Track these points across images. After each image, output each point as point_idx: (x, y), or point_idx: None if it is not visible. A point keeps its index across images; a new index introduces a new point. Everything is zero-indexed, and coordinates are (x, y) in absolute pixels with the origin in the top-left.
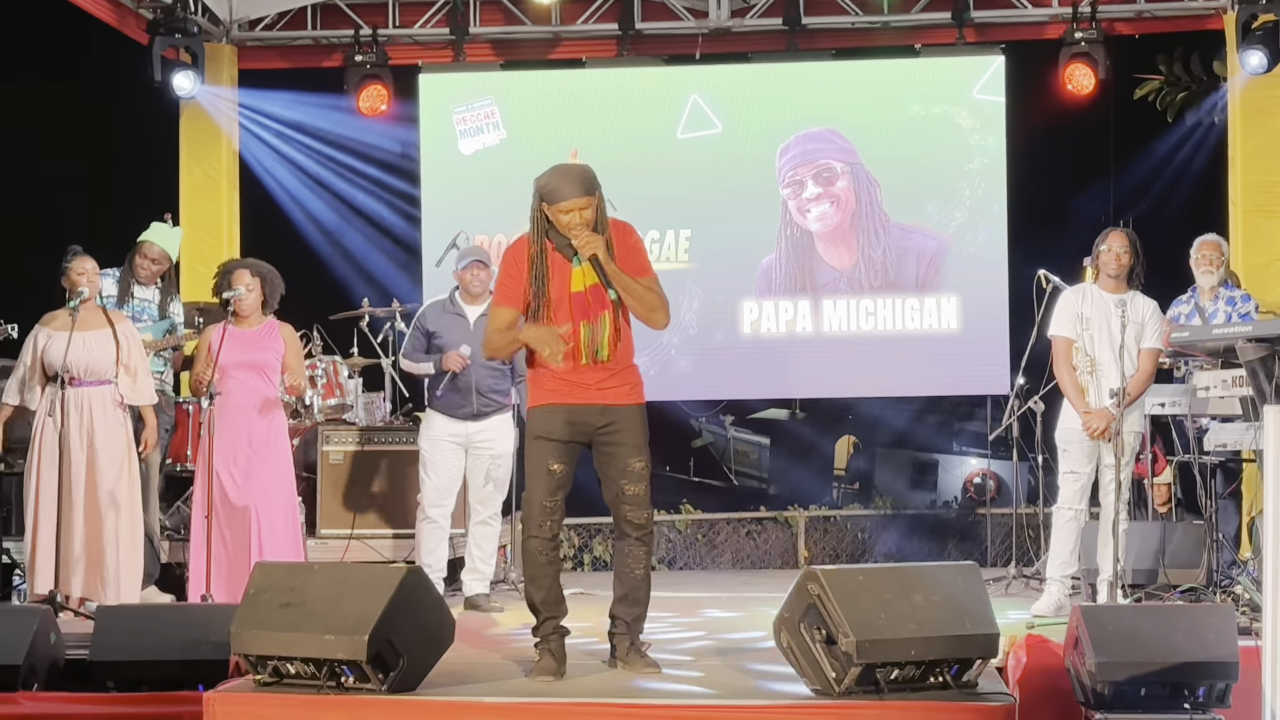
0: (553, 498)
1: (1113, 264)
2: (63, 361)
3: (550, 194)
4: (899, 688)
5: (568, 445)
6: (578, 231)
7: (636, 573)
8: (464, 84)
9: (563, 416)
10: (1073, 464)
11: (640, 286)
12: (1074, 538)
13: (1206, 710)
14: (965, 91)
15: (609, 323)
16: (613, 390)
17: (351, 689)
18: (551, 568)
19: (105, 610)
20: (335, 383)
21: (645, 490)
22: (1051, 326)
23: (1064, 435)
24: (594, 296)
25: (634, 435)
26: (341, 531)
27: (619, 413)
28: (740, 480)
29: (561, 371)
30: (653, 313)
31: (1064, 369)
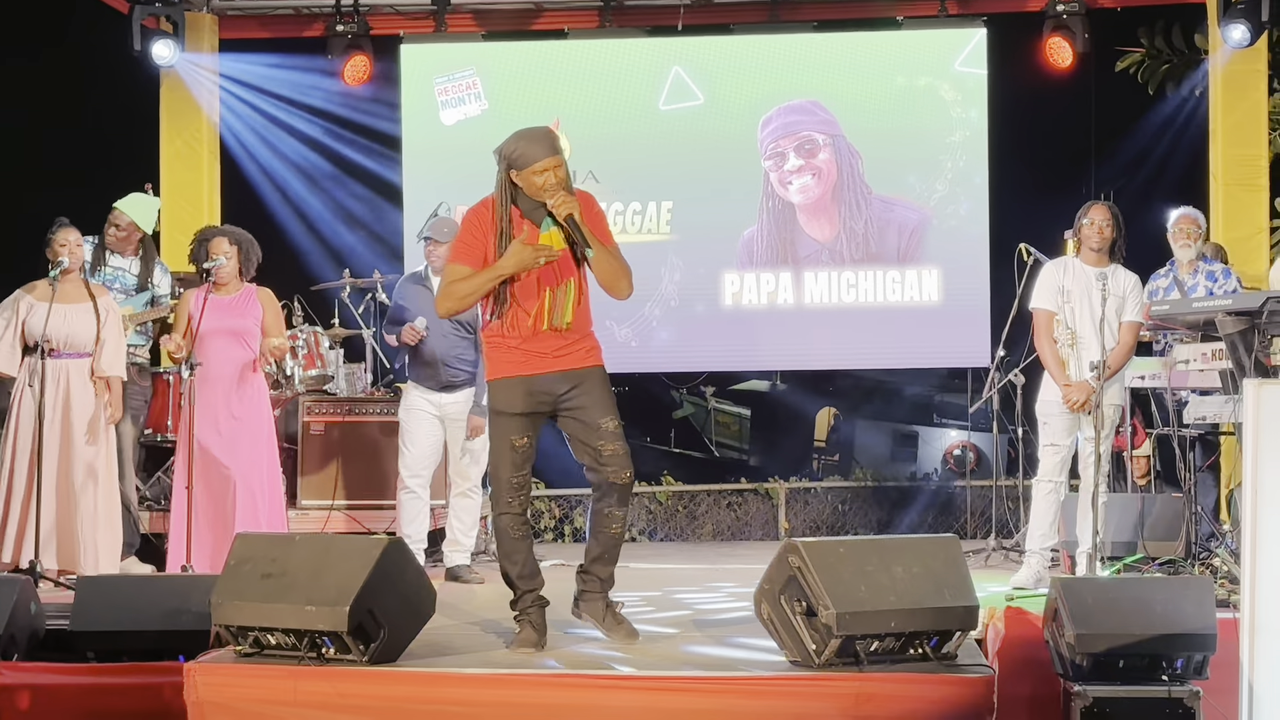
0: (519, 472)
1: (1094, 237)
2: (42, 332)
3: (519, 159)
4: (879, 659)
5: (529, 417)
6: (552, 192)
7: (615, 530)
8: (446, 54)
9: (522, 389)
10: (1053, 436)
11: (607, 250)
12: (1054, 510)
13: (1185, 682)
14: (947, 64)
15: (574, 289)
16: (571, 356)
17: (333, 660)
18: (524, 542)
19: (85, 581)
20: (316, 353)
21: (624, 448)
22: (1033, 299)
23: (1044, 408)
24: (560, 263)
25: (601, 395)
26: (322, 502)
27: (580, 375)
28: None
29: (520, 339)
30: (618, 279)
31: (1045, 342)
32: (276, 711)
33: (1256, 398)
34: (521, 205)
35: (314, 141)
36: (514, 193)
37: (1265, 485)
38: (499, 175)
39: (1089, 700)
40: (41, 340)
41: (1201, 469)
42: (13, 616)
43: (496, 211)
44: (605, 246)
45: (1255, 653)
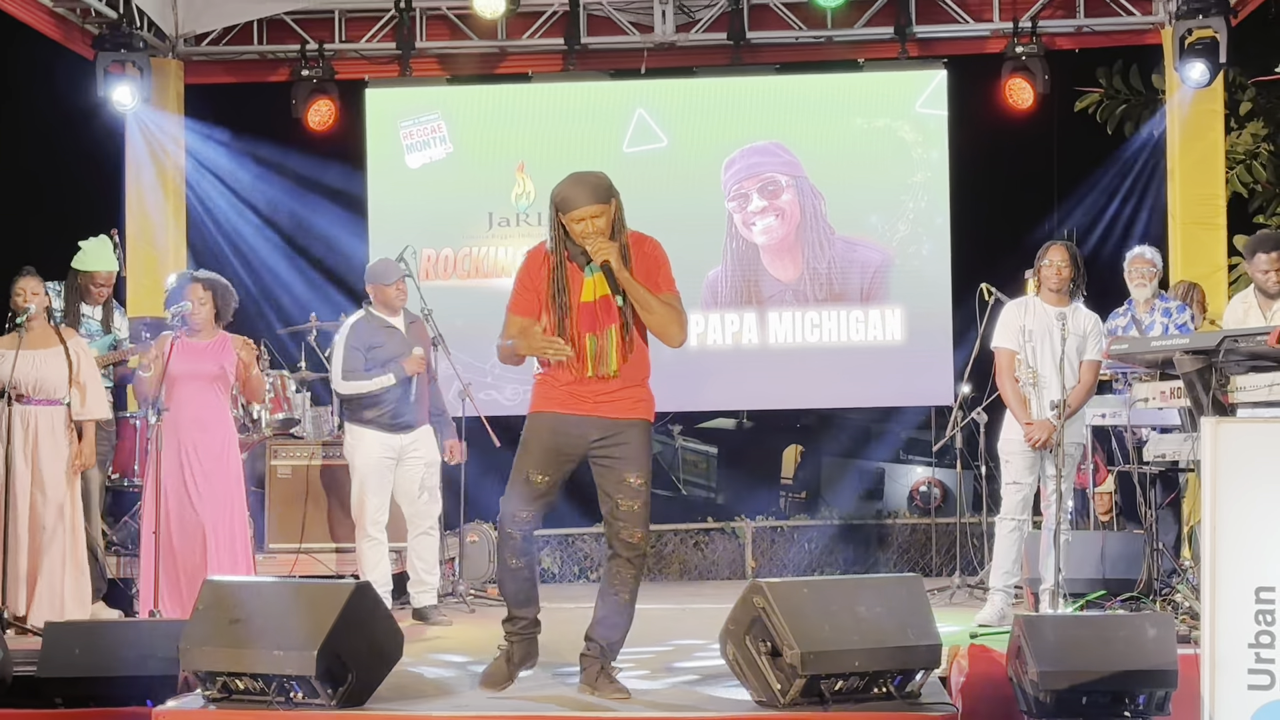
0: (529, 507)
1: (1054, 277)
2: (9, 378)
3: (563, 203)
4: (843, 699)
5: (553, 456)
6: (592, 240)
7: (622, 596)
8: (410, 98)
9: (549, 424)
10: (1015, 475)
11: (654, 299)
12: (1017, 548)
13: (1147, 717)
14: (908, 105)
15: (616, 336)
16: (613, 404)
17: (301, 704)
18: (520, 573)
19: (53, 626)
20: (283, 397)
21: (642, 508)
22: (995, 338)
23: (1006, 446)
24: (603, 308)
25: (632, 450)
26: (289, 546)
27: (618, 426)
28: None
29: (566, 381)
30: (667, 327)
31: (1007, 381)
32: None
33: (1214, 435)
34: (570, 248)
35: (279, 185)
36: (565, 237)
37: (1224, 522)
38: (550, 216)
39: None
40: (9, 387)
41: (1162, 506)
42: None
43: (549, 259)
44: (654, 295)
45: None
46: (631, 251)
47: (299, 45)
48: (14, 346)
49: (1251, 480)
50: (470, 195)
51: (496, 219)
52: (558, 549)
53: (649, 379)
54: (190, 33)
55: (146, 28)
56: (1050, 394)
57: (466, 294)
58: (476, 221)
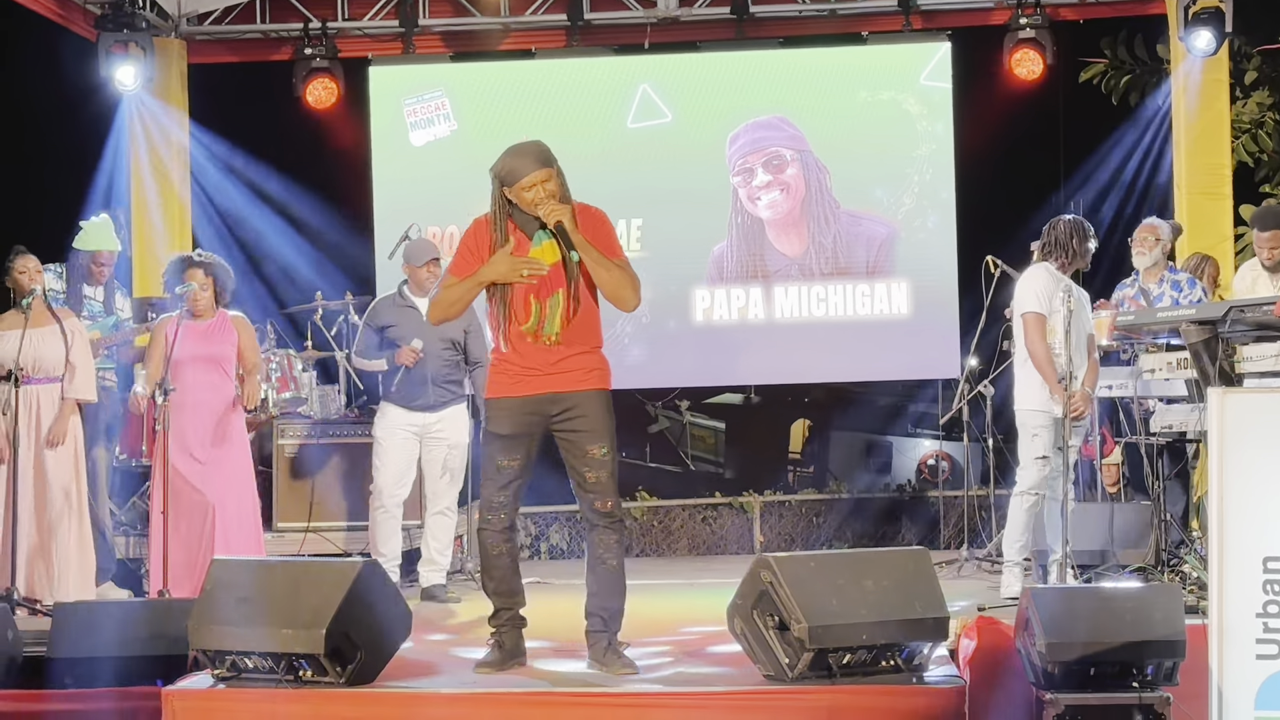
0: (503, 492)
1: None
2: (16, 358)
3: (509, 175)
4: (851, 672)
5: (517, 439)
6: (543, 202)
7: (610, 563)
8: (414, 76)
9: (510, 410)
10: (1045, 448)
11: (608, 259)
12: (1033, 520)
13: (1155, 688)
14: (913, 78)
15: (561, 300)
16: (567, 375)
17: (310, 682)
18: (503, 560)
19: (63, 607)
20: (289, 376)
21: (609, 477)
22: (1026, 303)
23: (1033, 418)
24: (550, 275)
25: (591, 421)
26: (298, 525)
27: (574, 399)
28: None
29: (517, 353)
30: (620, 289)
31: (1040, 345)
32: None
33: (1221, 406)
34: (516, 220)
35: (284, 164)
36: (509, 209)
37: (1232, 492)
38: (493, 192)
39: (1061, 708)
40: (15, 368)
41: (1169, 477)
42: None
43: (492, 228)
44: (607, 259)
45: (1224, 658)
46: (579, 219)
47: (302, 24)
48: (17, 326)
49: (1259, 450)
50: (475, 172)
51: None
52: (565, 525)
53: (601, 348)
54: (193, 12)
55: (149, 7)
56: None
57: None
58: (481, 199)
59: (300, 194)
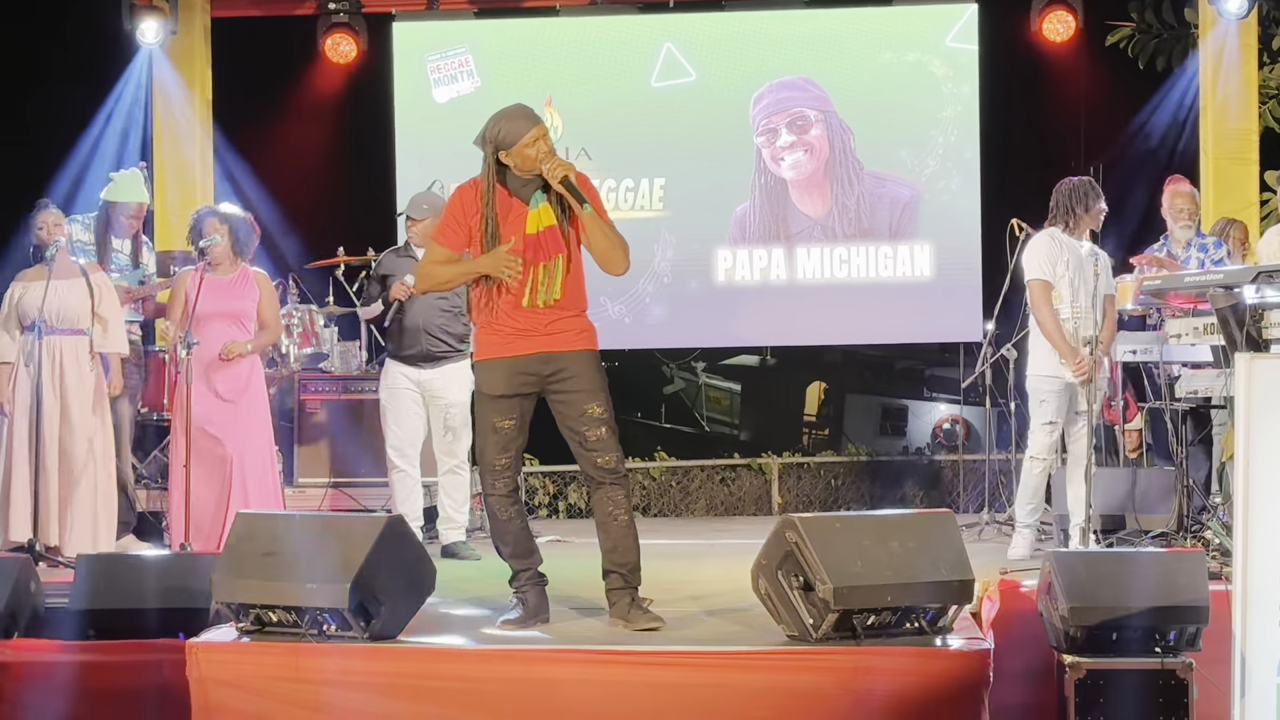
0: (503, 455)
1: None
2: (40, 309)
3: (505, 137)
4: (875, 634)
5: (513, 400)
6: (545, 157)
7: (620, 518)
8: (438, 32)
9: (504, 370)
10: (1052, 414)
11: (605, 220)
12: (1045, 484)
13: (1178, 654)
14: (938, 40)
15: (562, 264)
16: (558, 336)
17: (334, 636)
18: (513, 523)
19: (85, 559)
20: (311, 331)
21: (609, 433)
22: (1032, 270)
23: (1042, 383)
24: (548, 238)
25: (585, 380)
26: (319, 480)
27: (565, 359)
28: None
29: (509, 316)
30: (614, 249)
31: (1047, 312)
32: (278, 688)
33: (1248, 371)
34: (510, 185)
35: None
36: (501, 175)
37: (1257, 458)
38: (485, 160)
39: (1083, 672)
40: (39, 318)
41: (1193, 442)
42: (12, 594)
43: (481, 198)
44: (606, 221)
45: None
46: None
47: None
48: (42, 277)
49: None
50: None
51: None
52: (583, 485)
53: (587, 310)
54: None
55: None
56: (1085, 329)
57: None
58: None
59: (322, 150)
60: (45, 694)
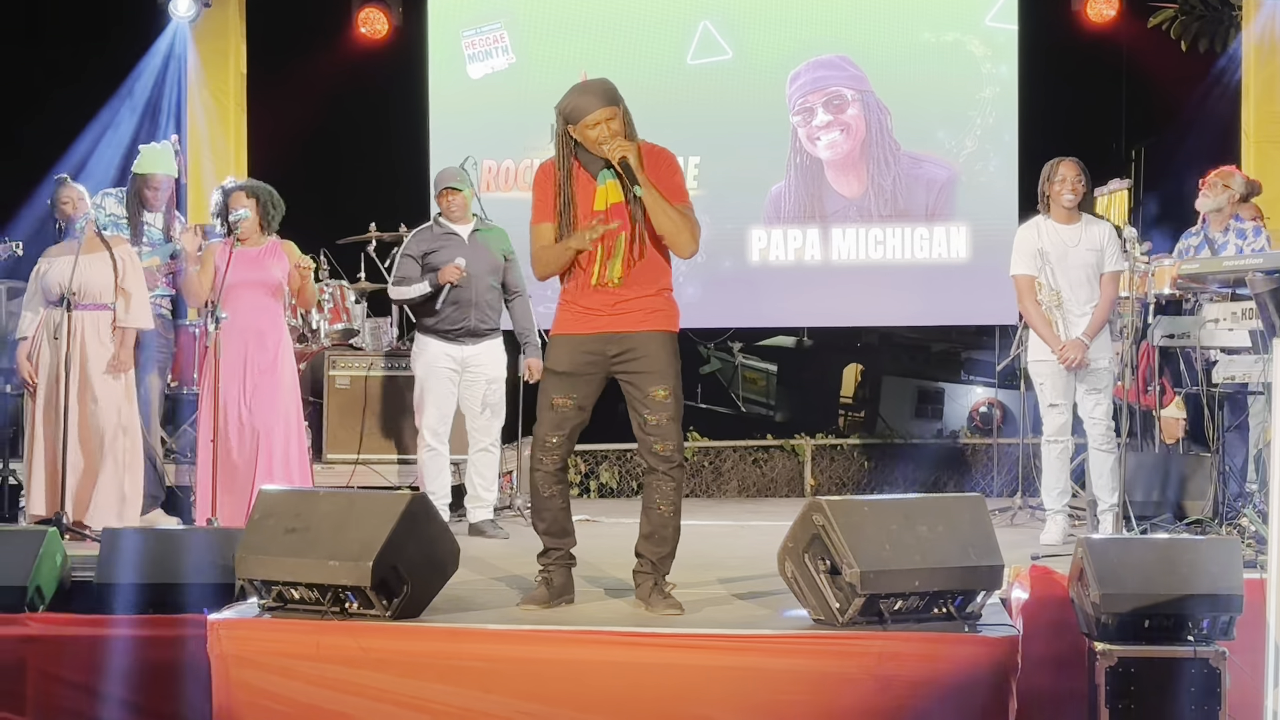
0: (557, 432)
1: (1068, 194)
2: (68, 284)
3: (573, 113)
4: (903, 618)
5: (575, 378)
6: (607, 139)
7: (664, 510)
8: (473, 8)
9: (568, 346)
10: (1052, 396)
11: (667, 203)
12: (1067, 466)
13: (1211, 642)
14: (978, 19)
15: (624, 243)
16: (628, 316)
17: (356, 615)
18: (554, 501)
19: (110, 533)
20: (342, 307)
21: (669, 420)
22: (1012, 266)
23: (1037, 368)
24: (614, 216)
25: (653, 362)
26: (348, 456)
27: (634, 339)
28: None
29: (582, 294)
30: (679, 233)
31: (1030, 305)
32: (299, 666)
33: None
34: (582, 159)
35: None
36: (575, 148)
37: None
38: (557, 130)
39: (1114, 660)
40: (67, 293)
41: (1229, 429)
42: (38, 568)
43: (555, 169)
44: (668, 202)
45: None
46: (645, 159)
47: None
48: (68, 252)
49: None
50: (532, 106)
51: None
52: (615, 464)
53: (669, 291)
54: None
55: None
56: (1073, 315)
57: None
58: (538, 133)
59: (356, 125)
60: (69, 668)
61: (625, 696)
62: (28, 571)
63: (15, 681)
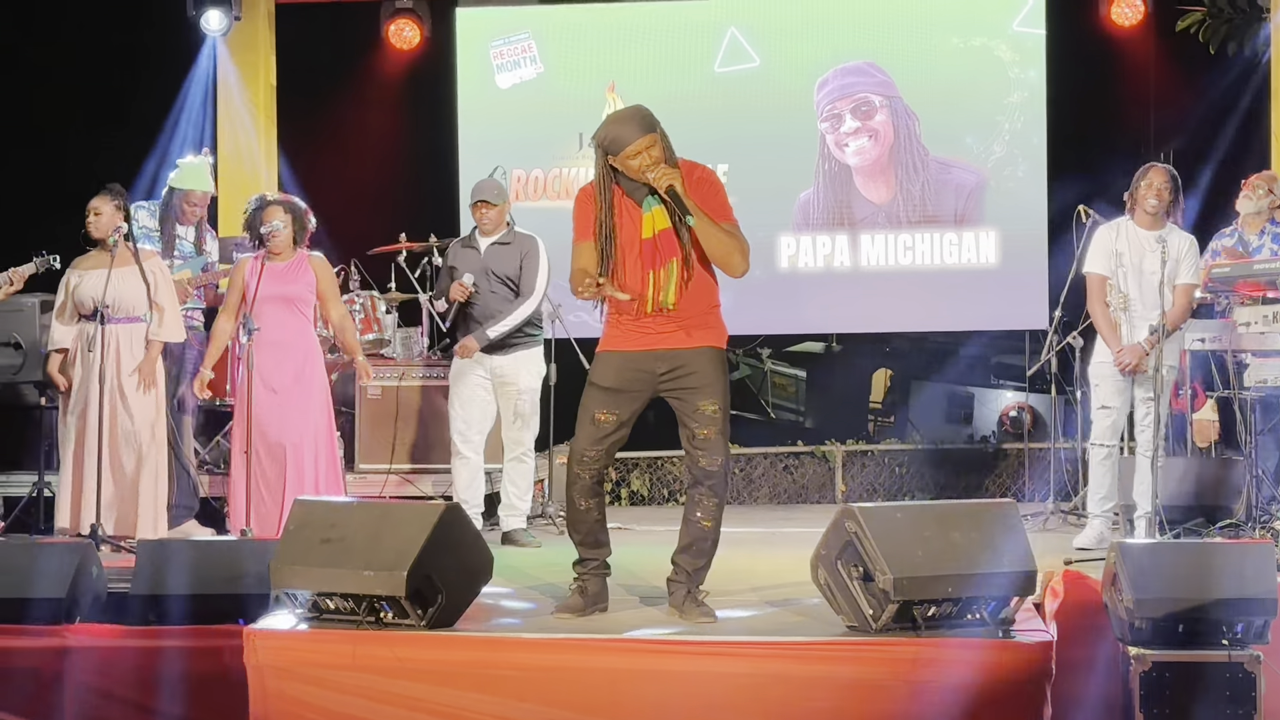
0: (595, 446)
1: (1153, 200)
2: (101, 297)
3: (612, 144)
4: (936, 625)
5: (617, 394)
6: (650, 168)
7: (704, 524)
8: (501, 18)
9: (615, 363)
10: (1104, 399)
11: (715, 225)
12: (1112, 473)
13: (1245, 646)
14: (1005, 24)
15: (677, 269)
16: (677, 334)
17: (390, 624)
18: (590, 514)
19: (146, 545)
20: (373, 318)
21: (719, 435)
22: (1086, 263)
23: (1096, 370)
24: (663, 242)
25: (702, 377)
26: (380, 466)
27: (684, 356)
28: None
29: (629, 319)
30: (730, 255)
31: (1098, 305)
32: (335, 676)
33: None
34: (624, 185)
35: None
36: (615, 176)
37: None
38: (597, 161)
39: (1148, 664)
40: (101, 306)
41: (1262, 432)
42: (75, 580)
43: (596, 198)
44: (717, 223)
45: None
46: (686, 181)
47: None
48: (100, 265)
49: None
50: (561, 116)
51: (587, 140)
52: (646, 471)
53: (718, 308)
54: None
55: None
56: (1141, 318)
57: (556, 215)
58: (567, 142)
59: (384, 136)
60: (106, 679)
61: (660, 704)
62: (65, 584)
63: (53, 693)
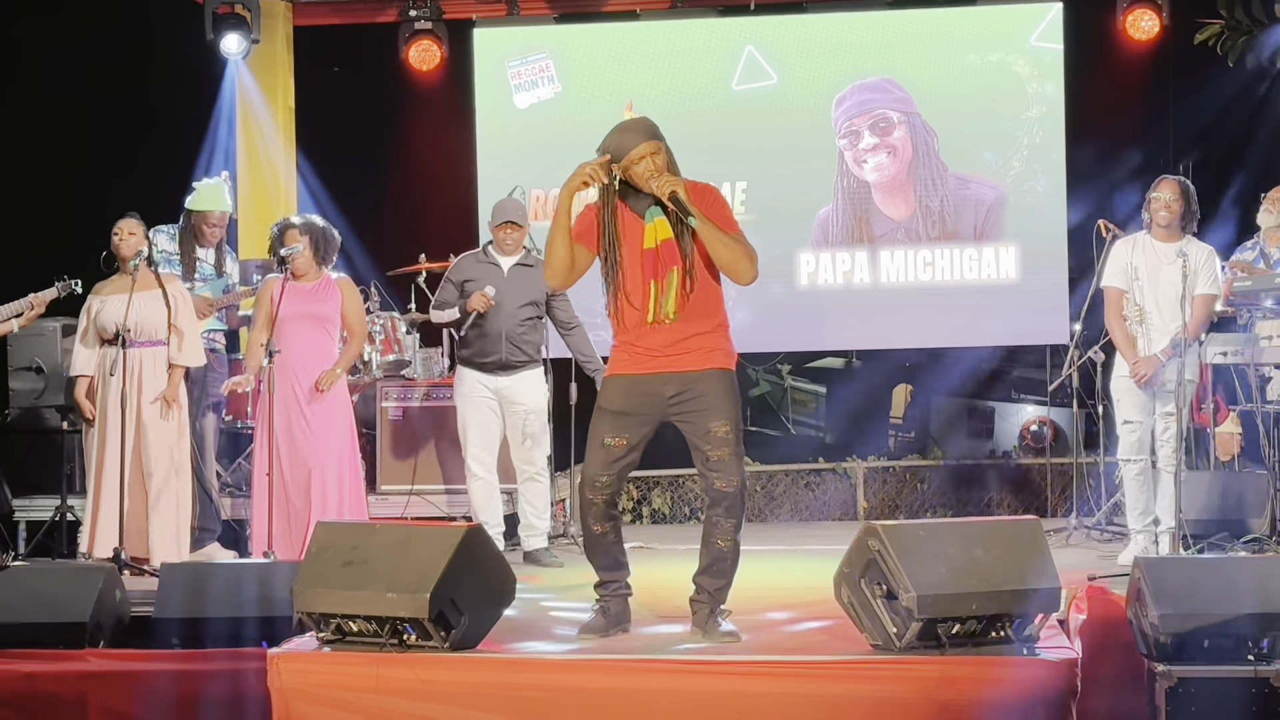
0: (607, 471)
1: (1163, 212)
2: (124, 321)
3: (618, 150)
4: (960, 643)
5: (627, 418)
6: (655, 174)
7: (723, 545)
8: (518, 38)
9: (623, 387)
10: (1126, 414)
11: (722, 232)
12: (1147, 486)
13: (1271, 661)
14: (1023, 39)
15: (677, 277)
16: (685, 356)
17: (414, 646)
18: (606, 538)
19: (169, 568)
20: (393, 338)
21: (732, 456)
22: (1104, 277)
23: (1116, 385)
24: (665, 252)
25: (712, 399)
26: (401, 487)
27: (692, 378)
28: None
29: (638, 334)
30: (738, 261)
31: (1115, 319)
32: (358, 699)
33: None
34: (628, 198)
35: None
36: (620, 187)
37: None
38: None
39: (1173, 680)
40: (123, 330)
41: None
42: (98, 603)
43: (599, 210)
44: (723, 231)
45: None
46: (691, 196)
47: None
48: (122, 290)
49: None
50: (579, 135)
51: None
52: (668, 490)
53: (725, 327)
54: None
55: None
56: (1158, 331)
57: None
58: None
59: (403, 156)
60: (129, 703)
61: None
62: (88, 608)
63: (77, 717)
